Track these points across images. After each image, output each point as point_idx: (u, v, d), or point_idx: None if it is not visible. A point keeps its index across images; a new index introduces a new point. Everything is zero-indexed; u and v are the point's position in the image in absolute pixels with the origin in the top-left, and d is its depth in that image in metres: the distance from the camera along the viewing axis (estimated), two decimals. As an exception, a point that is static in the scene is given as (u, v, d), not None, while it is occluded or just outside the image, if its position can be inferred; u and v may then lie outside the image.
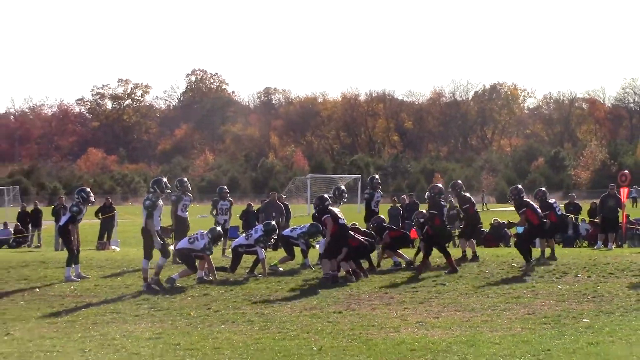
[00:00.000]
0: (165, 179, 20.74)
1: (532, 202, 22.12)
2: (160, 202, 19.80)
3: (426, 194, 23.37)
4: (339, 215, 19.95)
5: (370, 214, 23.67)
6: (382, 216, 23.81)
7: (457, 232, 27.31)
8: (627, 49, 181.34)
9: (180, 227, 23.06)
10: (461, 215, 23.77)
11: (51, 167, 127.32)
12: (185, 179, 24.45)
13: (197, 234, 20.42)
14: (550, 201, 23.35)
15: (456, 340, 12.73)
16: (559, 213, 23.66)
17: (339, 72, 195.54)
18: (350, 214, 28.70)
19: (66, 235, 21.26)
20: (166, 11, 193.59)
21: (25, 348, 12.79)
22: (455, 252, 22.58)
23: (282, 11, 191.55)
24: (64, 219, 21.81)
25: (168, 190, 20.45)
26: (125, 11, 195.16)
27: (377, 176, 25.52)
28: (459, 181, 24.22)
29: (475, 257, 22.06)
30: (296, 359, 11.62)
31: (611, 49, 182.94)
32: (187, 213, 23.57)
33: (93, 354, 12.32)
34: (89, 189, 22.82)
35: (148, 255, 19.35)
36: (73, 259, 20.83)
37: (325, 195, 21.20)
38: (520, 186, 22.69)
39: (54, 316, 15.98)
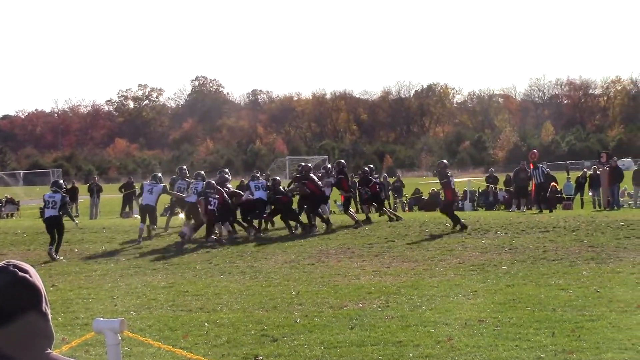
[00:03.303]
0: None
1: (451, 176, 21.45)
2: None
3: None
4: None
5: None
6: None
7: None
8: (533, 53, 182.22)
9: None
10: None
11: (86, 153, 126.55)
12: (184, 167, 23.84)
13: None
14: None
15: (403, 284, 12.72)
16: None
17: (309, 76, 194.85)
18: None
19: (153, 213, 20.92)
20: (177, 30, 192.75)
21: (67, 296, 12.69)
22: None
23: (266, 28, 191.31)
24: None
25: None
26: (144, 29, 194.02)
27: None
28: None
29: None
30: (279, 301, 11.56)
31: (520, 53, 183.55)
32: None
33: (120, 300, 12.23)
34: (159, 174, 22.71)
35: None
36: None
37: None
38: (445, 161, 22.66)
39: (89, 271, 15.87)
